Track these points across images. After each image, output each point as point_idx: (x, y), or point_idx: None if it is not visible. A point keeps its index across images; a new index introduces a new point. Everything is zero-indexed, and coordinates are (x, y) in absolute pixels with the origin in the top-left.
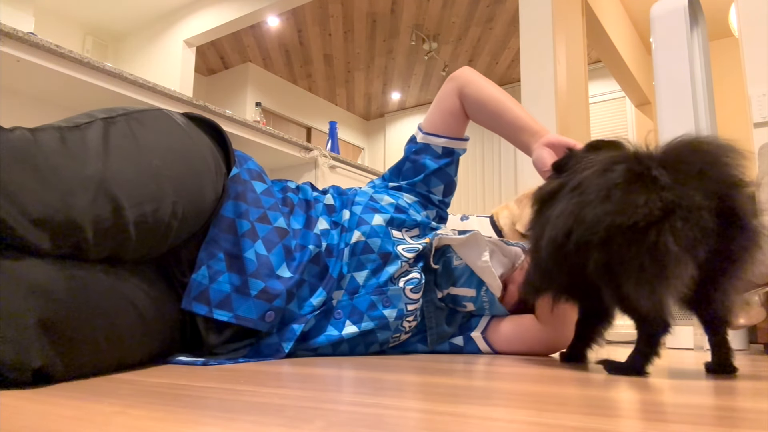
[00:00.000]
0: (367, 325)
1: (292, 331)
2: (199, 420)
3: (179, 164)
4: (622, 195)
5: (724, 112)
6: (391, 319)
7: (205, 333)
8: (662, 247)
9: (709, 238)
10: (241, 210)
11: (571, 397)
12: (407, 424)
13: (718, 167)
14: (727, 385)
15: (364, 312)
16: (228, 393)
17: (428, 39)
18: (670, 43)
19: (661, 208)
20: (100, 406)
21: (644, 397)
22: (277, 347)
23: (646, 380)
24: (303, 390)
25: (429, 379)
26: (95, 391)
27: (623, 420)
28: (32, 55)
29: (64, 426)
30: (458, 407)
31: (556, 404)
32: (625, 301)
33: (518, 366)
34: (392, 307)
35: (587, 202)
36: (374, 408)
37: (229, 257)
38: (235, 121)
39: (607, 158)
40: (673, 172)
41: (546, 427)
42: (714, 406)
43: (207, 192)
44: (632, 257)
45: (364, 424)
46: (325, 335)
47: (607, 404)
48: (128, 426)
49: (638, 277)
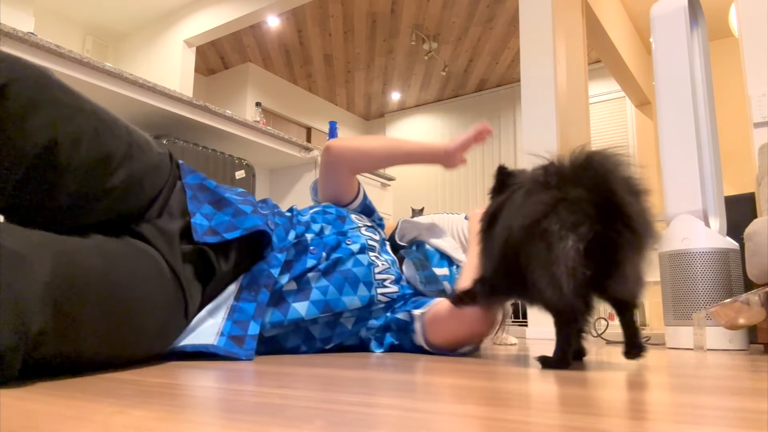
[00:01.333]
0: (338, 256)
1: (276, 259)
2: (199, 420)
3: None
4: (528, 201)
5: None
6: (355, 251)
7: (216, 263)
8: (549, 231)
9: (590, 221)
10: (201, 176)
11: (572, 398)
12: (407, 424)
13: (602, 170)
14: (727, 385)
15: (333, 245)
16: (228, 393)
17: (428, 39)
18: (670, 43)
19: (549, 203)
20: (100, 406)
21: (644, 396)
22: (267, 273)
23: (645, 380)
24: (303, 390)
25: (429, 379)
26: (95, 391)
27: (624, 420)
28: (32, 55)
29: (64, 426)
30: (459, 407)
31: (553, 404)
32: (538, 295)
33: (518, 367)
34: (355, 242)
35: (511, 215)
36: (374, 408)
37: (214, 203)
38: (235, 121)
39: (526, 177)
40: (565, 178)
41: (543, 426)
42: (714, 406)
43: (155, 158)
44: (535, 249)
45: (364, 424)
46: (304, 264)
47: (607, 404)
48: (128, 426)
49: (541, 265)
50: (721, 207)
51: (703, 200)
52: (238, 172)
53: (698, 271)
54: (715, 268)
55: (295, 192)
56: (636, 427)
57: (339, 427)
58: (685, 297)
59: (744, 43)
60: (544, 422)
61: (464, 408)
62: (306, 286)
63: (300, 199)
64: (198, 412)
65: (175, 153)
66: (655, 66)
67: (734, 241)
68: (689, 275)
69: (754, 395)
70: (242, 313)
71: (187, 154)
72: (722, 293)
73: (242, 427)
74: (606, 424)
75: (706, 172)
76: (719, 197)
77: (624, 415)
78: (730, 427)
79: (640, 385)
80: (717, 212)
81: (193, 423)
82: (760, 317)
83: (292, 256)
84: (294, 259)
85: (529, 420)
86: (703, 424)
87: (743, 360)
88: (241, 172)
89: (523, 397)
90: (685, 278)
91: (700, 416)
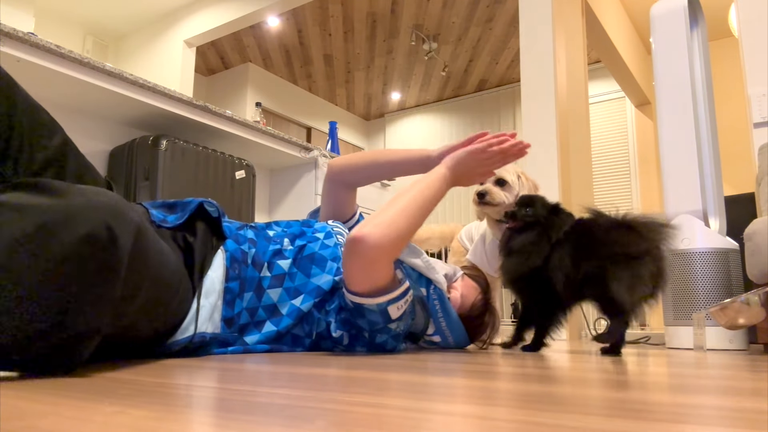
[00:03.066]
0: (303, 243)
1: (242, 236)
2: (199, 420)
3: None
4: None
5: (724, 112)
6: (320, 237)
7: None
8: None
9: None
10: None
11: (572, 397)
12: (408, 424)
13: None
14: (727, 385)
15: (296, 234)
16: (228, 393)
17: (428, 39)
18: (670, 43)
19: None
20: (100, 406)
21: (644, 396)
22: (242, 250)
23: (645, 380)
24: (303, 390)
25: (430, 379)
26: (95, 391)
27: (624, 420)
28: (32, 55)
29: (64, 426)
30: (460, 407)
31: (553, 404)
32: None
33: (519, 367)
34: (320, 231)
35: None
36: (374, 408)
37: (162, 207)
38: (235, 122)
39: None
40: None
41: (543, 426)
42: (714, 406)
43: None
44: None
45: (364, 424)
46: (266, 248)
47: (607, 404)
48: (128, 426)
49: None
50: (721, 207)
51: (703, 200)
52: (238, 172)
53: (698, 271)
54: (714, 268)
55: (295, 192)
56: (636, 426)
57: (339, 427)
58: (685, 297)
59: (744, 43)
60: (544, 422)
61: (465, 408)
62: (278, 274)
63: (300, 199)
64: (198, 411)
65: (176, 153)
66: (655, 66)
67: (734, 241)
68: (689, 275)
69: (754, 395)
70: (231, 293)
71: (187, 154)
72: (722, 293)
73: (242, 426)
74: (606, 423)
75: (706, 172)
76: (719, 197)
77: (624, 415)
78: (730, 427)
79: (640, 385)
80: (717, 212)
81: (193, 423)
82: (760, 317)
83: (252, 235)
84: (258, 250)
85: (529, 420)
86: (703, 424)
87: (743, 360)
88: (241, 172)
89: (523, 396)
90: (685, 278)
91: (700, 416)
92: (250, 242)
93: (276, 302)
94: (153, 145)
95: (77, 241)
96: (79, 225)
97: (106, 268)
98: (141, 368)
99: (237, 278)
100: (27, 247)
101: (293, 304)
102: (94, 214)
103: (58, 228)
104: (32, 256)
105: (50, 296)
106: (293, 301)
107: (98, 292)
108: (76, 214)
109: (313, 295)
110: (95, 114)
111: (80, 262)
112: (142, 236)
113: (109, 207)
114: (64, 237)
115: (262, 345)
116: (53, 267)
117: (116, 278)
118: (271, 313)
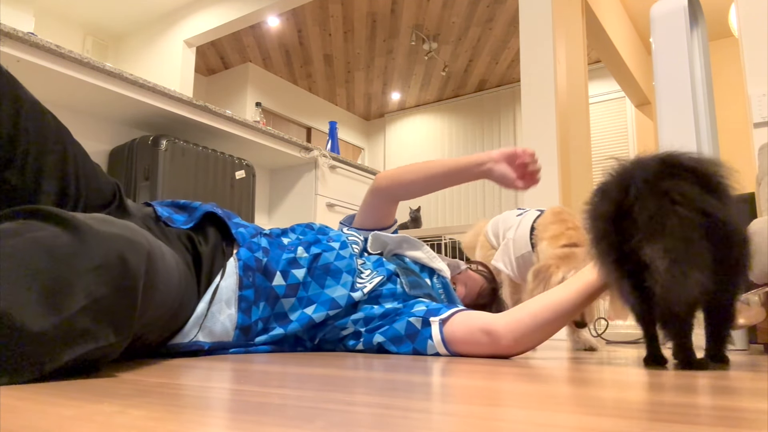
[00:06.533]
0: (318, 251)
1: (256, 244)
2: (199, 420)
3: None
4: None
5: (724, 112)
6: (336, 247)
7: (198, 244)
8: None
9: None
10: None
11: (572, 397)
12: (408, 424)
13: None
14: (727, 385)
15: (311, 242)
16: (228, 393)
17: (428, 39)
18: (670, 43)
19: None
20: (100, 406)
21: (644, 396)
22: (255, 258)
23: (645, 380)
24: (303, 390)
25: (430, 379)
26: (95, 391)
27: (624, 420)
28: (32, 55)
29: (64, 426)
30: (461, 407)
31: (553, 404)
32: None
33: (519, 366)
34: (336, 240)
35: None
36: (374, 408)
37: (172, 207)
38: (235, 122)
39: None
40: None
41: (547, 428)
42: (714, 406)
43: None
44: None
45: (364, 424)
46: (279, 257)
47: (607, 404)
48: (128, 426)
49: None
50: None
51: None
52: (238, 172)
53: None
54: None
55: (295, 192)
56: (636, 426)
57: (339, 427)
58: None
59: (744, 43)
60: (543, 422)
61: (465, 408)
62: (293, 283)
63: (300, 199)
64: (198, 411)
65: (176, 153)
66: (654, 66)
67: None
68: None
69: (754, 395)
70: (246, 301)
71: (187, 154)
72: None
73: (242, 426)
74: (606, 424)
75: None
76: None
77: (624, 414)
78: (730, 427)
79: (639, 385)
80: None
81: (193, 423)
82: (760, 317)
83: (266, 244)
84: (271, 258)
85: (529, 419)
86: (703, 424)
87: (743, 360)
88: (241, 172)
89: (523, 396)
90: None
91: (700, 416)
92: (264, 251)
93: (287, 310)
94: (153, 145)
95: (92, 272)
96: (94, 257)
97: (122, 296)
98: (142, 368)
99: (251, 286)
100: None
101: (305, 312)
102: (105, 244)
103: (70, 261)
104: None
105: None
106: (305, 309)
107: (117, 323)
108: (88, 246)
109: (327, 306)
110: (95, 114)
111: (94, 297)
112: (152, 261)
113: (121, 237)
114: (78, 268)
115: (264, 346)
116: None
117: (133, 307)
118: (282, 319)
